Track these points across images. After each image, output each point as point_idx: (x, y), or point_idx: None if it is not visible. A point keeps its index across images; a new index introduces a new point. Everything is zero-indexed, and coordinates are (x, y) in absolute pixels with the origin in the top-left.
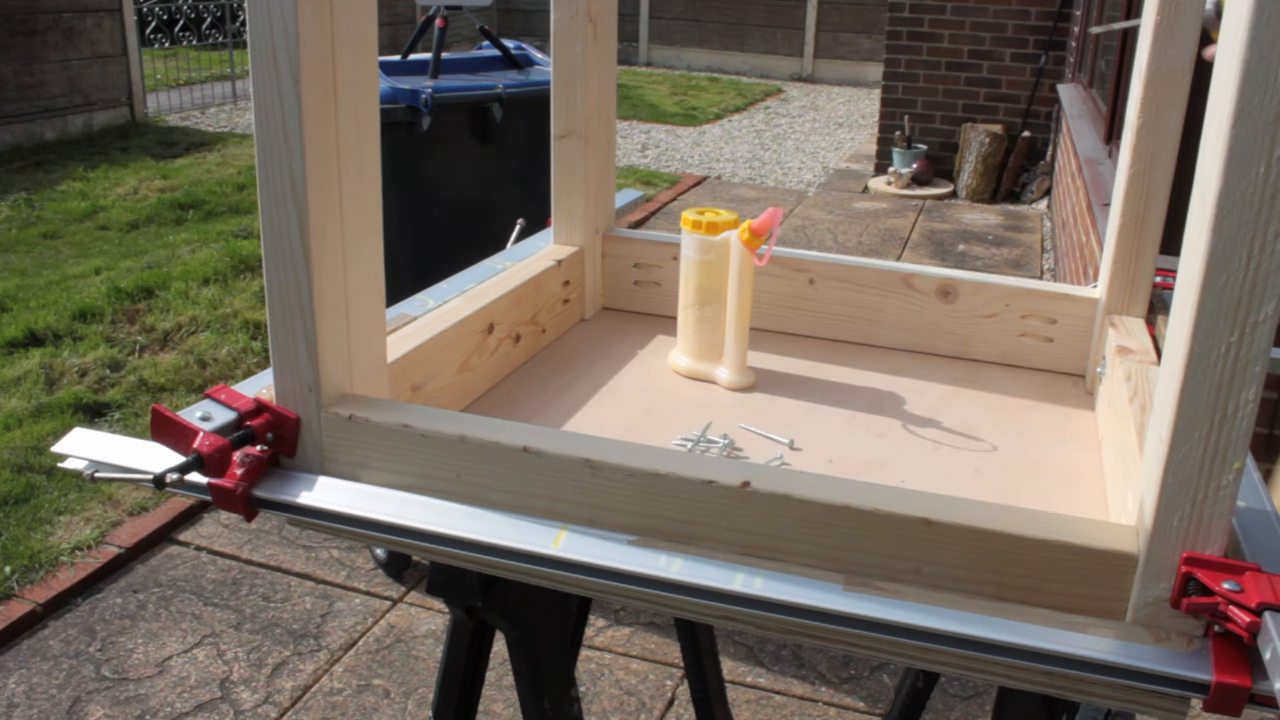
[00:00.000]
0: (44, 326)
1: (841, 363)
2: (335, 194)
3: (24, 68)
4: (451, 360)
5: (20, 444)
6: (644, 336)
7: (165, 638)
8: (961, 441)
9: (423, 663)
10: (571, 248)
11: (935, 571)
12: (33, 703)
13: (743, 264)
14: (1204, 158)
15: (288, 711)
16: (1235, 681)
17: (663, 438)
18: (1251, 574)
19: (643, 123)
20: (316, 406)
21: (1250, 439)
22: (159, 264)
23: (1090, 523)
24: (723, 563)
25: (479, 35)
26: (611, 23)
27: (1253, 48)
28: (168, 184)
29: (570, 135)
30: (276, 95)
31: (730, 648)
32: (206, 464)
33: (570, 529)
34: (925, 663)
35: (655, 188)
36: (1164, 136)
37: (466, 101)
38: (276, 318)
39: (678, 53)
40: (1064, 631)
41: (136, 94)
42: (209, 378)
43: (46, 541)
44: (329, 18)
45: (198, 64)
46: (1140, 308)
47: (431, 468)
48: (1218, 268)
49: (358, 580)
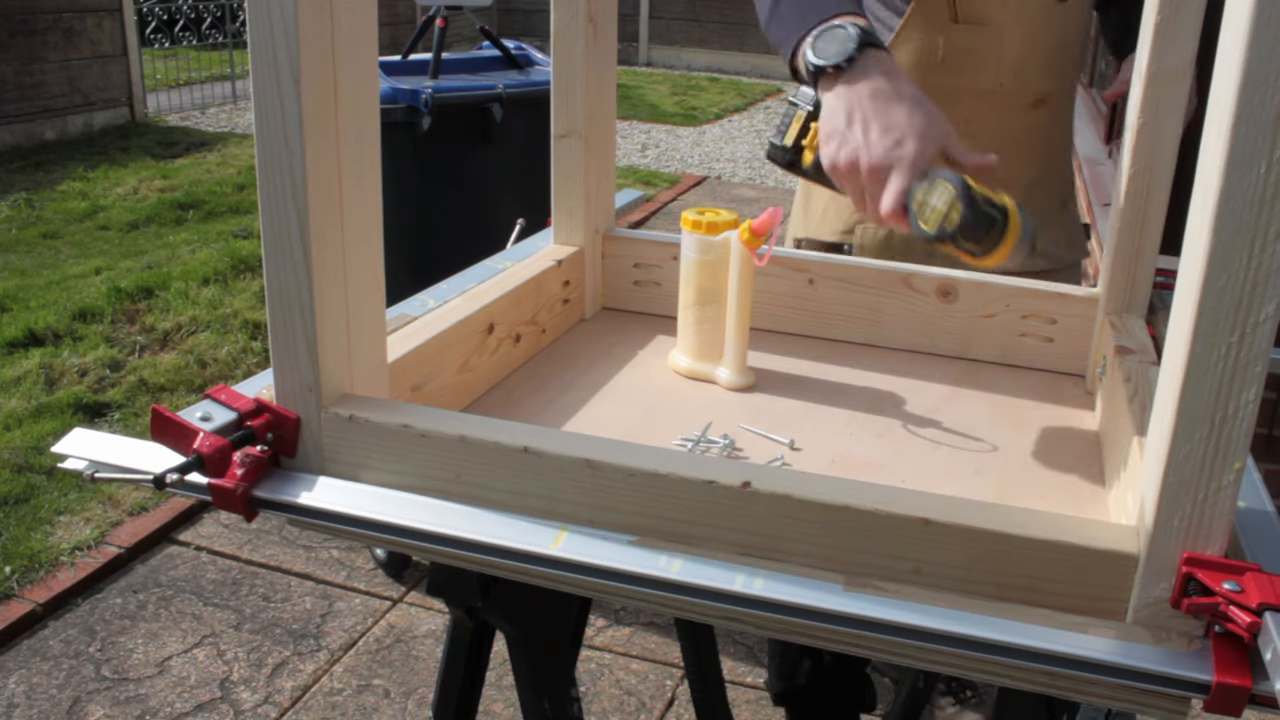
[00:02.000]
0: (44, 326)
1: (841, 363)
2: (335, 194)
3: (24, 68)
4: (451, 360)
5: (20, 444)
6: (644, 336)
7: (165, 638)
8: (961, 441)
9: (423, 663)
10: (571, 248)
11: (935, 571)
12: (33, 703)
13: (743, 264)
14: (1204, 158)
15: (288, 711)
16: (1236, 682)
17: (663, 438)
18: (1252, 574)
19: (643, 123)
20: (316, 407)
21: (1250, 439)
22: (159, 264)
23: (1090, 523)
24: (723, 563)
25: (479, 35)
26: (611, 23)
27: (1253, 48)
28: (168, 184)
29: (570, 135)
30: (276, 95)
31: (730, 648)
32: (207, 464)
33: (570, 529)
34: (925, 663)
35: (655, 188)
36: (1164, 136)
37: (466, 101)
38: (276, 318)
39: (678, 53)
40: (1064, 632)
41: (136, 94)
42: (209, 378)
43: (46, 541)
44: (329, 18)
45: (198, 64)
46: (1140, 308)
47: (432, 468)
48: (1218, 268)
49: (358, 580)
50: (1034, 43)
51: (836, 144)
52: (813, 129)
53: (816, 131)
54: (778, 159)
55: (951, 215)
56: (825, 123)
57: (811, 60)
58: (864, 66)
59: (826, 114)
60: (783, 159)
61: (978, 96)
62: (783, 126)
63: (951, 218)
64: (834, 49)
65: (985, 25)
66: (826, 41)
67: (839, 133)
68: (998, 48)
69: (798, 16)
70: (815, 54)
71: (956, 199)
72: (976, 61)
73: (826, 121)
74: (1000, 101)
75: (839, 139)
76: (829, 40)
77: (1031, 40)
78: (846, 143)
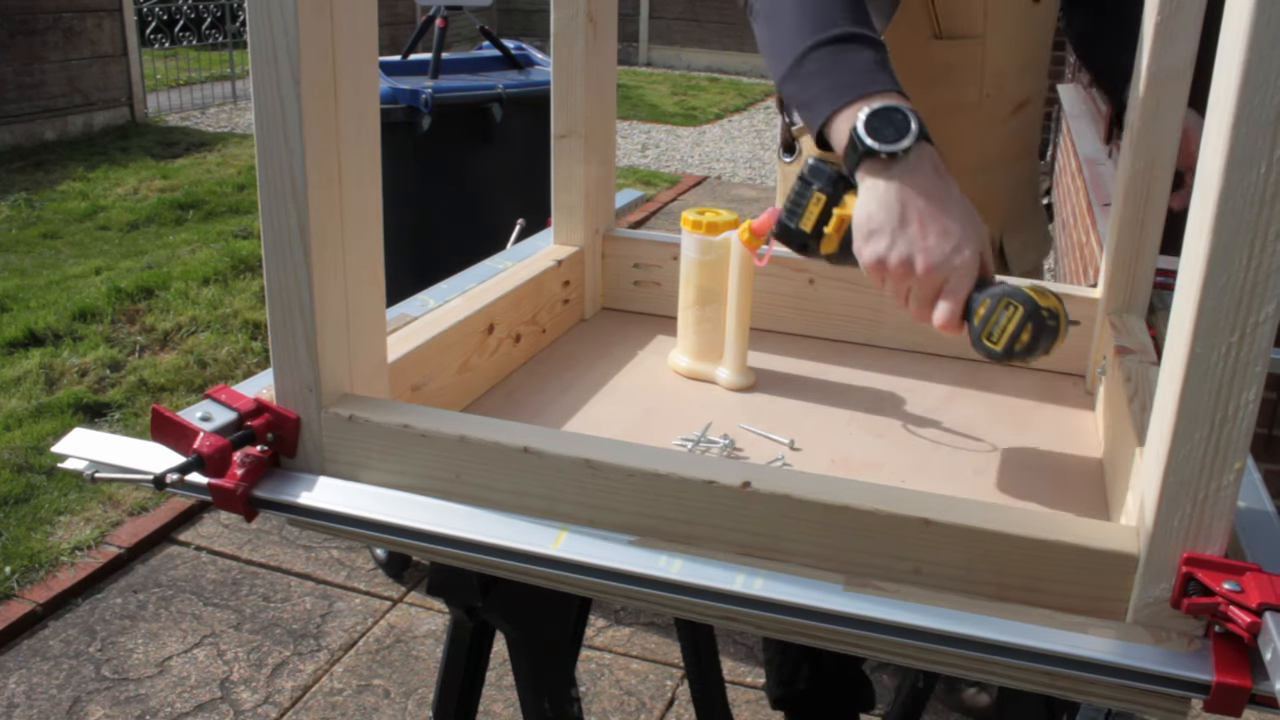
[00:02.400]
0: (44, 326)
1: (841, 363)
2: (335, 194)
3: (24, 68)
4: (451, 360)
5: (20, 444)
6: (644, 336)
7: (165, 638)
8: (961, 441)
9: (423, 663)
10: (571, 248)
11: (935, 571)
12: (33, 703)
13: (743, 264)
14: (1204, 158)
15: (288, 711)
16: (1236, 682)
17: (663, 438)
18: (1252, 574)
19: (643, 123)
20: (316, 407)
21: (1250, 439)
22: (159, 264)
23: (1090, 523)
24: (723, 563)
25: (479, 35)
26: (611, 23)
27: (1253, 48)
28: (168, 184)
29: (570, 135)
30: (276, 95)
31: (730, 648)
32: (207, 464)
33: (570, 529)
34: (925, 663)
35: (655, 188)
36: (1164, 136)
37: (466, 101)
38: (276, 318)
39: (678, 53)
40: (1064, 632)
41: (136, 94)
42: (209, 378)
43: (46, 541)
44: (329, 18)
45: (198, 64)
46: (1140, 308)
47: (432, 468)
48: (1218, 268)
49: (358, 580)
50: (1015, 48)
51: (887, 242)
52: (835, 215)
53: (840, 219)
54: (792, 243)
55: (1023, 337)
56: (872, 216)
57: (865, 142)
58: (919, 159)
59: (874, 206)
60: (797, 243)
61: (964, 110)
62: (796, 208)
63: (1022, 339)
64: (891, 133)
65: (968, 39)
66: (883, 123)
67: (889, 230)
68: (981, 59)
69: (832, 82)
70: (870, 135)
71: (1028, 320)
72: (961, 75)
73: (873, 216)
74: (985, 113)
75: (889, 237)
76: (885, 122)
77: (1012, 46)
78: (899, 242)
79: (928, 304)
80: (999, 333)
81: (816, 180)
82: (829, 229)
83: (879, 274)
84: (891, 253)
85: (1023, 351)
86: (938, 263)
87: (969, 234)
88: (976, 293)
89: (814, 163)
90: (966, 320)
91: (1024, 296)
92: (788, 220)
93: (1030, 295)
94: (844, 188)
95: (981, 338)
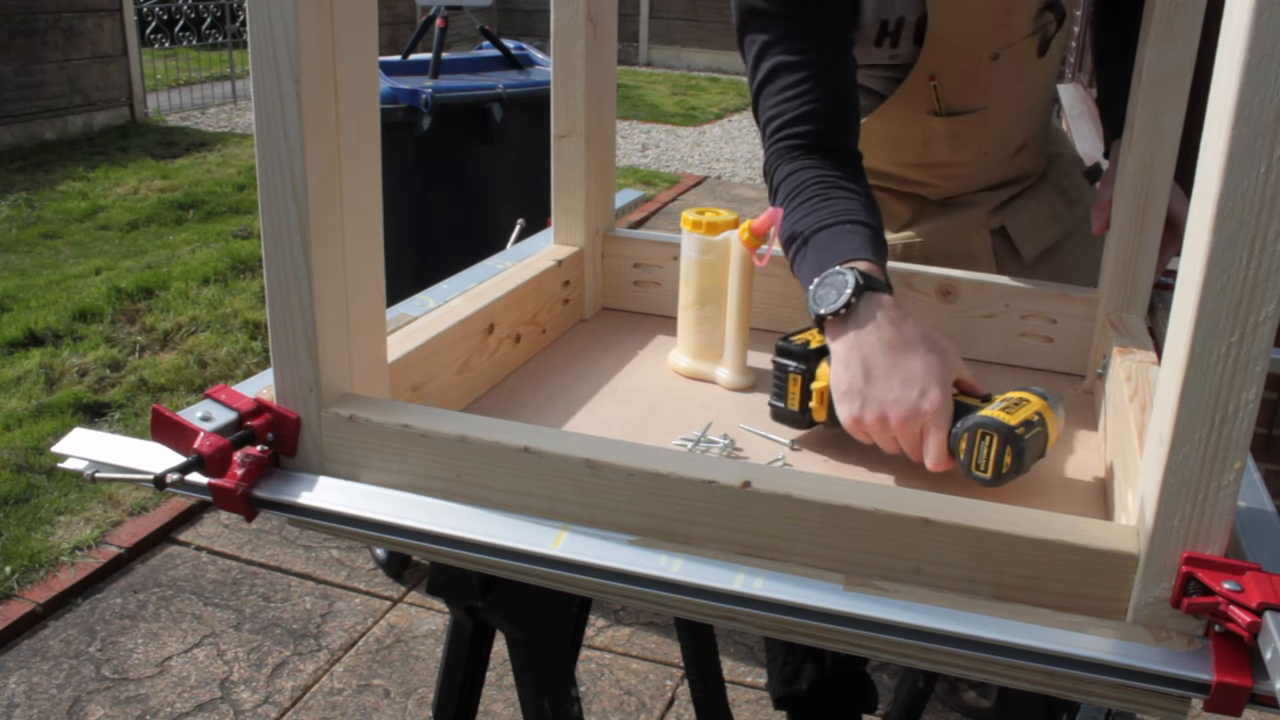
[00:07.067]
0: (44, 326)
1: None
2: (335, 194)
3: (24, 68)
4: (451, 360)
5: (20, 444)
6: (644, 336)
7: (165, 638)
8: None
9: (423, 663)
10: (571, 248)
11: (935, 571)
12: (33, 703)
13: (743, 264)
14: (1204, 158)
15: (288, 711)
16: (1236, 681)
17: (663, 438)
18: (1252, 574)
19: (643, 123)
20: (317, 406)
21: (1250, 439)
22: (159, 264)
23: (1090, 523)
24: (723, 563)
25: (479, 35)
26: (611, 23)
27: (1253, 48)
28: (168, 184)
29: (570, 135)
30: (276, 95)
31: (730, 648)
32: (207, 464)
33: (570, 529)
34: (925, 663)
35: (655, 188)
36: (1164, 136)
37: (466, 101)
38: (276, 318)
39: (678, 53)
40: (1064, 631)
41: (136, 94)
42: (209, 378)
43: (46, 541)
44: (329, 18)
45: (198, 64)
46: (1140, 308)
47: (432, 468)
48: (1218, 268)
49: (358, 580)
50: (1017, 104)
51: (859, 402)
52: (814, 389)
53: (819, 392)
54: (785, 421)
55: (1006, 460)
56: (839, 380)
57: (813, 309)
58: (867, 311)
59: (839, 369)
60: (790, 420)
61: (964, 167)
62: (780, 390)
63: (1006, 462)
64: (831, 296)
65: (971, 113)
66: (826, 289)
67: (857, 391)
68: (982, 126)
69: (814, 263)
70: (815, 302)
71: (1005, 445)
72: (962, 140)
73: (840, 379)
74: (986, 165)
75: (859, 397)
76: (828, 288)
77: (1015, 106)
78: (870, 400)
79: (915, 450)
80: (984, 462)
81: (789, 363)
82: (813, 403)
83: (860, 433)
84: (865, 412)
85: (1011, 473)
86: (909, 413)
87: (932, 373)
88: (957, 425)
89: (781, 344)
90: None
91: (996, 424)
92: (775, 402)
93: (1001, 420)
94: (816, 360)
95: (971, 470)
